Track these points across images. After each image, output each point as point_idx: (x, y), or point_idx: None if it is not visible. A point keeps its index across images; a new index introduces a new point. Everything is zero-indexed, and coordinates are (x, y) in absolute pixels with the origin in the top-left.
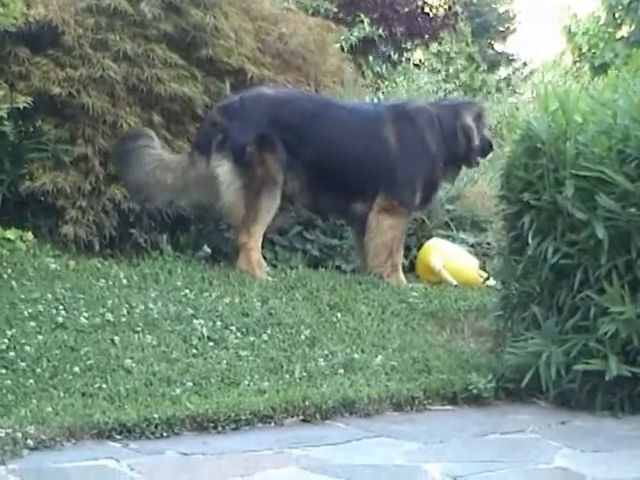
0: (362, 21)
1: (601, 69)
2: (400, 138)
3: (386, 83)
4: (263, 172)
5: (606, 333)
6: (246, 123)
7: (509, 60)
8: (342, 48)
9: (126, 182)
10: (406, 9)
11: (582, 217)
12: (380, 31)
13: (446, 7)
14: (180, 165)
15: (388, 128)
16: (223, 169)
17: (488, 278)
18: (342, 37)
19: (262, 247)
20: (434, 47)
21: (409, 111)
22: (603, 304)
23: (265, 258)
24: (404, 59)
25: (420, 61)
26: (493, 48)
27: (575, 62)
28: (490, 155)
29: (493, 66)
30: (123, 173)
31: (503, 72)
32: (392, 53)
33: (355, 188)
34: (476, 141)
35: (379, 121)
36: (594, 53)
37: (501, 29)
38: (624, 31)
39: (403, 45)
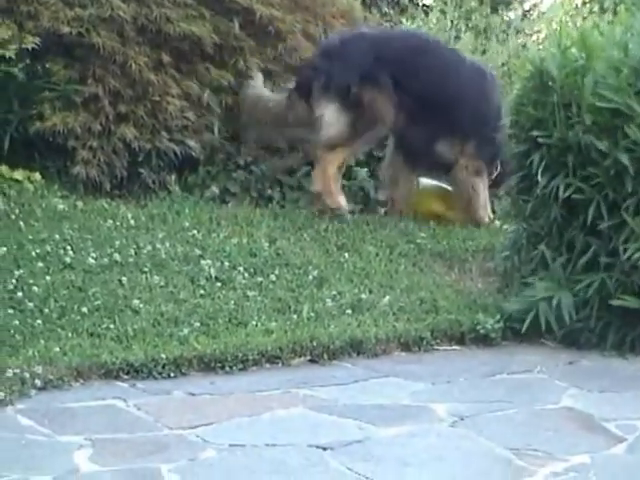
0: None
1: (610, 10)
2: (498, 103)
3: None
4: (369, 111)
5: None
6: (349, 63)
7: (518, 1)
8: None
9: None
10: None
11: (603, 148)
12: None
13: None
14: (279, 105)
15: (490, 87)
16: (328, 111)
17: None
18: None
19: (270, 187)
20: None
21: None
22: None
23: (272, 199)
24: (412, 3)
25: (427, 6)
26: None
27: (585, 3)
28: None
29: (502, 7)
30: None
31: (512, 13)
32: None
33: (444, 129)
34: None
35: (484, 75)
36: None
37: None
38: None
39: None
